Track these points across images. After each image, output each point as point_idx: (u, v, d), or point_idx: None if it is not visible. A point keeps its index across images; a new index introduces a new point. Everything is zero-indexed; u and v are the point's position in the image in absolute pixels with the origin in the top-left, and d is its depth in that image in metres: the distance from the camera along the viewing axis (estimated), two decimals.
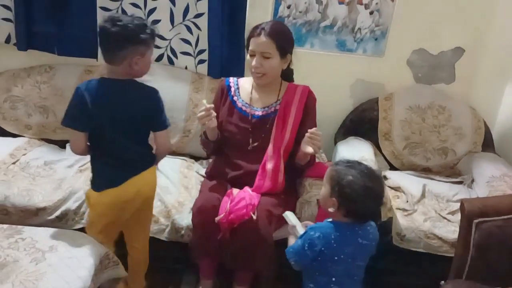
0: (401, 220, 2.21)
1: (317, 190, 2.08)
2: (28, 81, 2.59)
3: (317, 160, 2.27)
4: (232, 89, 2.14)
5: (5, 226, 1.72)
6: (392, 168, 2.67)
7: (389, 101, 2.70)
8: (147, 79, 2.56)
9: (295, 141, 2.05)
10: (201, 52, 2.64)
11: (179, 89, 2.60)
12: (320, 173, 2.12)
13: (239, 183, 2.03)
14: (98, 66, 2.65)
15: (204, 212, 1.89)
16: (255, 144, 2.06)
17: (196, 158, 2.58)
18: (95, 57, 2.66)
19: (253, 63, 1.97)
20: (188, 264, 2.11)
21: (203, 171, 2.38)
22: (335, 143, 2.71)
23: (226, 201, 1.90)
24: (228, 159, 2.08)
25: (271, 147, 2.02)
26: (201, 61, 2.66)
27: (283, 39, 1.99)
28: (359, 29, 2.67)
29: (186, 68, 2.69)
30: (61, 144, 2.58)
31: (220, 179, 2.08)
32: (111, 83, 1.72)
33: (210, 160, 2.33)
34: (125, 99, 1.73)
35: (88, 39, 2.61)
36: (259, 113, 2.09)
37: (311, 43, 2.70)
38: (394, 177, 2.51)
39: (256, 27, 2.00)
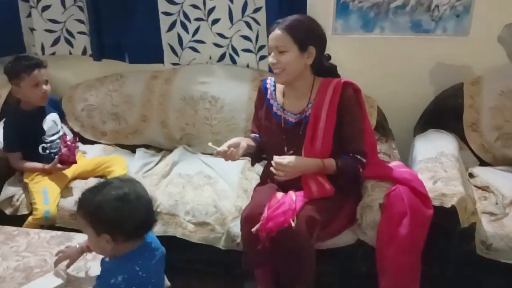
0: (487, 226, 1.89)
1: (380, 193, 1.87)
2: (102, 90, 2.71)
3: (382, 158, 2.04)
4: (269, 91, 2.00)
5: (59, 233, 1.80)
6: (483, 163, 2.31)
7: (476, 86, 2.34)
8: (208, 81, 2.58)
9: (335, 142, 1.85)
10: (261, 47, 2.54)
11: (239, 89, 2.54)
12: (382, 174, 1.92)
13: (287, 187, 1.89)
14: (163, 71, 2.69)
15: (250, 222, 1.79)
16: (291, 152, 1.90)
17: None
18: (162, 61, 2.71)
19: (270, 59, 1.83)
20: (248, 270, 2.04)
21: None
22: (414, 136, 2.43)
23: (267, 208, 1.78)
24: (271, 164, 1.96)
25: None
26: (262, 57, 2.56)
27: (300, 30, 1.79)
28: (437, 6, 2.34)
29: (247, 66, 2.61)
30: (133, 149, 2.66)
31: (271, 182, 1.97)
32: None
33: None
34: None
35: (153, 45, 2.67)
36: (292, 119, 1.92)
37: (381, 27, 2.44)
38: (482, 174, 2.17)
39: (274, 23, 1.85)
